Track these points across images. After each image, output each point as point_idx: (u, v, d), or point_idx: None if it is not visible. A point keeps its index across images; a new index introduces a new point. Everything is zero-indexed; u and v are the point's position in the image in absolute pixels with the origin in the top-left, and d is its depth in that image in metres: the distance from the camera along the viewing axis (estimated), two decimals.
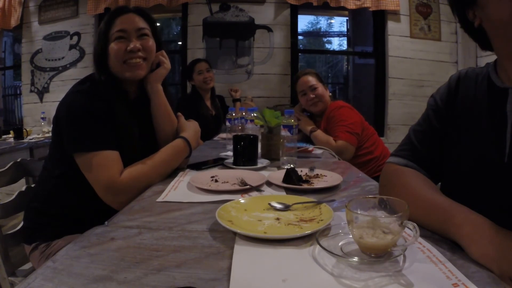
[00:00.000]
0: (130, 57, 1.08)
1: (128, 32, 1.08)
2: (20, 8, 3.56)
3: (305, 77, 2.17)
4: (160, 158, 1.09)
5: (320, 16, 6.38)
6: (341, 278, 0.48)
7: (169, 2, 3.27)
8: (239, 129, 1.74)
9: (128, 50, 1.07)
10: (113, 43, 1.08)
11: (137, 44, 1.08)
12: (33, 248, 1.05)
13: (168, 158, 1.11)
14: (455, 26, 3.42)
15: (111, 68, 1.10)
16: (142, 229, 0.68)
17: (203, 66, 2.66)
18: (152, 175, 1.05)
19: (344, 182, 1.03)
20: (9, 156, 2.41)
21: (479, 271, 0.49)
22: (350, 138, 1.95)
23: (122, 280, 0.48)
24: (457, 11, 0.75)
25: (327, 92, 2.18)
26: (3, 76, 4.13)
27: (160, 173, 1.08)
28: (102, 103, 1.03)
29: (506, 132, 0.67)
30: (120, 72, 1.09)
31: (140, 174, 1.02)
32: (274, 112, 1.41)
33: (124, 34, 1.08)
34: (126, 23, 1.09)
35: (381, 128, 3.38)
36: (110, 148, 1.00)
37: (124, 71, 1.09)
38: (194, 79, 2.67)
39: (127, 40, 1.08)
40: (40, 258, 1.03)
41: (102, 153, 0.98)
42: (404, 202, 0.56)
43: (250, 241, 0.60)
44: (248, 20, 3.37)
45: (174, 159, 1.14)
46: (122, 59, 1.07)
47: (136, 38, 1.09)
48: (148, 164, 1.05)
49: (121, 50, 1.07)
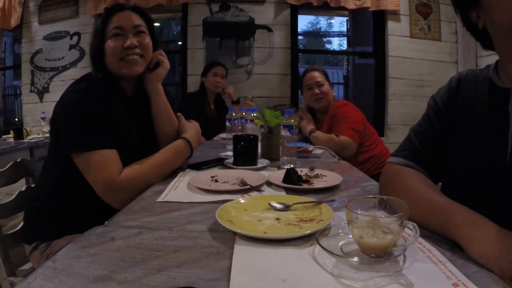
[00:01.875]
0: (127, 54, 1.08)
1: (125, 29, 1.08)
2: (20, 8, 3.56)
3: (313, 72, 2.18)
4: (161, 158, 1.09)
5: (320, 16, 6.39)
6: (341, 278, 0.48)
7: (169, 2, 3.27)
8: (239, 129, 1.74)
9: (125, 47, 1.07)
10: (109, 40, 1.07)
11: (134, 40, 1.08)
12: (33, 248, 1.05)
13: (168, 158, 1.11)
14: (455, 26, 3.42)
15: (108, 65, 1.10)
16: (142, 229, 0.68)
17: (220, 70, 2.73)
18: (151, 175, 1.04)
19: (344, 182, 1.03)
20: (9, 156, 2.41)
21: (479, 271, 0.49)
22: (353, 135, 1.95)
23: (122, 280, 0.48)
24: (460, 11, 0.75)
25: (332, 92, 2.19)
26: (3, 76, 4.13)
27: (160, 173, 1.08)
28: (99, 101, 1.02)
29: (508, 132, 0.67)
30: (117, 69, 1.09)
31: (140, 173, 1.02)
32: (274, 112, 1.41)
33: (121, 31, 1.08)
34: (123, 20, 1.08)
35: (381, 128, 3.38)
36: (108, 147, 1.00)
37: (121, 68, 1.09)
38: (207, 77, 2.72)
39: (124, 37, 1.08)
40: (40, 258, 1.03)
41: (100, 152, 0.98)
42: (404, 202, 0.56)
43: (250, 241, 0.60)
44: (248, 20, 3.37)
45: (175, 159, 1.14)
46: (119, 56, 1.07)
47: (133, 35, 1.09)
48: (148, 164, 1.05)
49: (118, 46, 1.06)
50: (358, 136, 1.98)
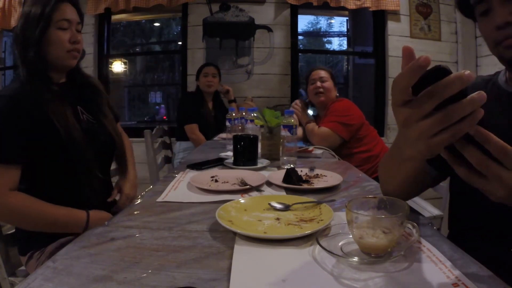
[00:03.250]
0: (73, 48, 1.09)
1: (71, 23, 1.09)
2: (20, 8, 3.56)
3: (319, 70, 2.21)
4: (53, 218, 0.98)
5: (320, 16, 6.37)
6: (341, 278, 0.48)
7: (169, 2, 3.27)
8: (239, 129, 1.74)
9: (71, 41, 1.08)
10: (57, 30, 1.06)
11: (79, 36, 1.11)
12: (29, 257, 1.05)
13: (58, 223, 0.99)
14: (455, 26, 3.42)
15: (49, 54, 1.07)
16: (142, 229, 0.68)
17: (210, 70, 2.74)
18: (30, 221, 0.97)
19: (344, 182, 1.03)
20: None
21: (479, 271, 0.49)
22: (336, 127, 1.95)
23: (122, 280, 0.48)
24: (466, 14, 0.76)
25: (334, 91, 2.19)
26: (3, 76, 4.13)
27: (39, 225, 0.99)
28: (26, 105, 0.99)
29: None
30: (61, 59, 1.09)
31: (32, 209, 0.96)
32: (274, 112, 1.41)
33: (69, 24, 1.08)
34: (70, 13, 1.09)
35: (381, 128, 3.38)
36: (7, 161, 0.95)
37: (66, 59, 1.09)
38: (199, 80, 2.75)
39: (69, 30, 1.08)
40: (37, 266, 1.02)
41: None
42: (404, 202, 0.56)
43: (250, 241, 0.60)
44: (248, 20, 3.37)
45: (60, 226, 1.01)
46: (67, 48, 1.08)
47: (75, 31, 1.10)
48: (43, 209, 0.97)
49: (66, 39, 1.07)
50: (344, 129, 1.96)
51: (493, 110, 0.73)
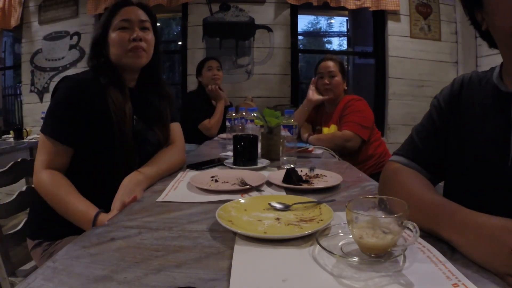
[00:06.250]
0: (133, 46, 1.11)
1: (131, 22, 1.12)
2: (20, 8, 3.56)
3: (328, 61, 2.15)
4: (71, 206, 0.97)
5: (320, 16, 6.38)
6: (341, 278, 0.48)
7: (169, 2, 3.27)
8: (239, 129, 1.74)
9: (131, 39, 1.10)
10: (116, 32, 1.11)
11: (140, 33, 1.12)
12: (36, 244, 1.06)
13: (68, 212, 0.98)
14: (455, 26, 3.42)
15: (112, 55, 1.13)
16: (142, 229, 0.68)
17: (213, 63, 2.65)
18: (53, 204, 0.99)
19: (344, 182, 1.03)
20: (9, 156, 2.41)
21: (479, 271, 0.49)
22: (359, 130, 1.95)
23: (122, 280, 0.48)
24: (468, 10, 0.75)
25: (343, 85, 2.14)
26: (3, 76, 4.13)
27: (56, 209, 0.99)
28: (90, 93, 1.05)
29: (510, 136, 0.67)
30: (123, 59, 1.12)
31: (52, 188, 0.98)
32: (274, 112, 1.41)
33: (128, 24, 1.12)
34: (130, 14, 1.13)
35: (381, 128, 3.38)
36: (61, 140, 1.02)
37: (127, 58, 1.12)
38: (203, 74, 2.64)
39: (130, 30, 1.12)
40: (42, 256, 1.03)
41: (50, 140, 1.01)
42: (404, 202, 0.56)
43: (250, 241, 0.60)
44: (248, 20, 3.37)
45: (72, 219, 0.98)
46: (126, 47, 1.11)
47: (138, 29, 1.13)
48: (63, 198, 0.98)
49: (125, 38, 1.11)
50: (365, 132, 1.97)
51: (487, 108, 0.73)
